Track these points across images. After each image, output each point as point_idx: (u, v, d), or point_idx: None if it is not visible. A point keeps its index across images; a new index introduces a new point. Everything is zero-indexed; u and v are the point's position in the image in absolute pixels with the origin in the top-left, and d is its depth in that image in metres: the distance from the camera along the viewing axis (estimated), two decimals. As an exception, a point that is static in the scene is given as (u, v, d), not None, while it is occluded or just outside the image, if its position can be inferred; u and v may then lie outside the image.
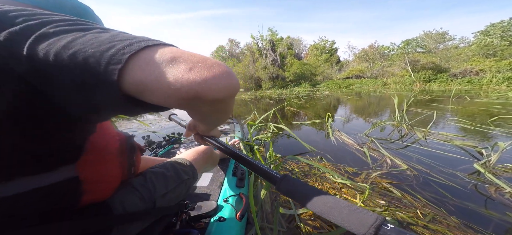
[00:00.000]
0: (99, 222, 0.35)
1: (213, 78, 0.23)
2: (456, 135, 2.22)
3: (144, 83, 0.22)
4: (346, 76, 18.94)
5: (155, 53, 0.23)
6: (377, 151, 1.83)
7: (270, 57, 20.48)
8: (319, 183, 1.28)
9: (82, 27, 0.24)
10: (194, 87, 0.22)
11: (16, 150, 0.26)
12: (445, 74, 13.72)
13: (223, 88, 0.24)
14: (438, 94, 7.67)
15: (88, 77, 0.22)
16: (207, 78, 0.23)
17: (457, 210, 1.03)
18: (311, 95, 9.11)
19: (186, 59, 0.23)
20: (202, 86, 0.22)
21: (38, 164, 0.28)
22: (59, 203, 0.32)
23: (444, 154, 1.72)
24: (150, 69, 0.22)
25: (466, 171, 1.42)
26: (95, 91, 0.23)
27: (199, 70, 0.23)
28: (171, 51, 0.23)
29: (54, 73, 0.22)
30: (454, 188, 1.22)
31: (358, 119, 3.49)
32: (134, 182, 0.48)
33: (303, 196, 0.33)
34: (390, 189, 1.20)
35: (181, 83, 0.22)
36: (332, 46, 24.80)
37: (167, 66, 0.22)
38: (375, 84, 15.50)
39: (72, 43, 0.22)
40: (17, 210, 0.28)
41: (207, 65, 0.23)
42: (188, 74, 0.22)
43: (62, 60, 0.21)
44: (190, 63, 0.23)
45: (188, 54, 0.24)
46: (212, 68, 0.23)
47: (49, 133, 0.28)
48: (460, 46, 17.47)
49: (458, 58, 14.87)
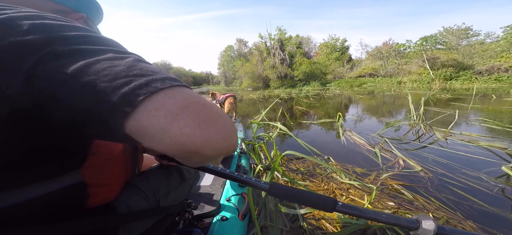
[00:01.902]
0: (105, 223, 0.35)
1: (216, 138, 0.23)
2: (482, 136, 2.04)
3: (147, 130, 0.21)
4: (358, 74, 18.29)
5: (167, 99, 0.22)
6: (390, 151, 1.72)
7: (278, 56, 20.35)
8: (325, 183, 1.23)
9: (95, 49, 0.23)
10: (198, 144, 0.22)
11: (15, 157, 0.25)
12: (468, 72, 12.77)
13: (223, 148, 0.24)
14: (461, 92, 7.13)
15: (95, 110, 0.21)
16: (212, 138, 0.23)
17: (476, 214, 0.96)
18: (320, 95, 8.90)
19: (196, 112, 0.22)
20: (205, 145, 0.22)
21: (42, 170, 0.27)
22: (64, 208, 0.31)
23: (466, 156, 1.59)
24: (158, 116, 0.21)
25: (492, 174, 1.30)
26: (95, 123, 0.22)
27: (205, 128, 0.22)
28: (183, 99, 0.23)
29: (60, 96, 0.20)
30: (475, 191, 1.12)
31: (370, 119, 3.34)
32: (138, 182, 0.49)
33: (288, 195, 0.44)
34: (401, 191, 1.13)
35: (186, 137, 0.21)
36: (343, 44, 24.10)
37: (176, 117, 0.21)
38: (390, 82, 14.82)
39: (84, 70, 0.20)
40: (21, 218, 0.27)
41: (213, 122, 0.23)
42: (194, 130, 0.22)
43: (72, 88, 0.20)
44: (198, 117, 0.22)
45: (198, 104, 0.23)
46: (217, 126, 0.24)
47: (52, 138, 0.27)
48: (486, 42, 16.18)
49: (484, 54, 13.78)
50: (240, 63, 23.94)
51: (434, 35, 19.09)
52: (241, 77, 23.50)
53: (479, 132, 2.17)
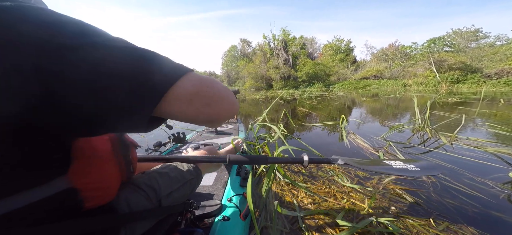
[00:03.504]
0: (106, 223, 0.35)
1: (223, 111, 0.31)
2: (489, 141, 1.99)
3: (170, 114, 0.28)
4: (362, 76, 18.08)
5: (181, 89, 0.27)
6: (394, 155, 1.70)
7: (282, 57, 20.28)
8: (326, 186, 1.22)
9: (107, 39, 0.25)
10: (210, 118, 0.30)
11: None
12: (476, 75, 12.46)
13: (229, 116, 0.33)
14: (468, 96, 6.97)
15: (120, 101, 0.24)
16: (220, 112, 0.30)
17: (479, 220, 0.94)
18: (324, 96, 8.83)
19: (204, 95, 0.28)
20: (214, 118, 0.31)
21: (23, 179, 0.26)
22: (57, 214, 0.30)
23: (472, 161, 1.56)
24: (177, 104, 0.27)
25: (499, 180, 1.27)
26: (122, 114, 0.25)
27: (214, 106, 0.30)
28: (193, 85, 0.28)
29: (79, 88, 0.22)
30: (479, 197, 1.10)
31: (374, 122, 3.30)
32: (138, 181, 0.49)
33: (244, 160, 0.71)
34: (403, 196, 1.12)
35: (200, 115, 0.29)
36: (348, 45, 23.87)
37: (191, 102, 0.27)
38: (394, 85, 14.58)
39: (103, 62, 0.22)
40: (12, 226, 0.26)
41: (219, 99, 0.30)
42: (206, 109, 0.29)
43: (93, 79, 0.22)
44: (207, 99, 0.29)
45: (204, 87, 0.29)
46: (222, 102, 0.31)
47: (33, 145, 0.25)
48: (496, 44, 15.75)
49: (494, 57, 13.42)
50: (243, 63, 23.96)
51: (442, 37, 18.72)
52: (244, 77, 23.53)
53: (486, 137, 2.12)
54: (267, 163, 0.74)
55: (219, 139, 1.77)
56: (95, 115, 0.24)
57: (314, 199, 1.09)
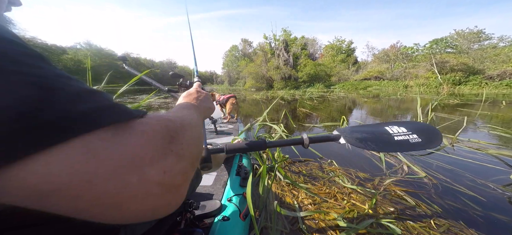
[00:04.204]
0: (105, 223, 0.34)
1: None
2: (490, 143, 1.98)
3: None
4: (363, 77, 18.06)
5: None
6: (395, 157, 1.70)
7: (282, 57, 20.29)
8: (327, 187, 1.22)
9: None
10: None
11: None
12: (478, 76, 12.40)
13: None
14: (469, 98, 6.93)
15: None
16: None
17: (480, 222, 0.94)
18: (324, 97, 8.82)
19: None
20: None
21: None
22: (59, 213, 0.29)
23: (474, 163, 1.56)
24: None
25: (500, 182, 1.27)
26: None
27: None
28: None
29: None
30: (480, 199, 1.10)
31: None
32: None
33: (242, 148, 0.71)
34: (404, 197, 1.12)
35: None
36: (349, 46, 23.85)
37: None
38: (396, 86, 14.53)
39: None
40: None
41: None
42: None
43: None
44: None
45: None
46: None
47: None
48: (499, 46, 15.66)
49: (496, 59, 13.35)
50: (244, 63, 23.99)
51: (445, 38, 18.65)
52: (245, 77, 23.54)
53: (488, 140, 2.11)
54: (265, 148, 0.72)
55: (219, 139, 1.78)
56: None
57: (315, 200, 1.09)
